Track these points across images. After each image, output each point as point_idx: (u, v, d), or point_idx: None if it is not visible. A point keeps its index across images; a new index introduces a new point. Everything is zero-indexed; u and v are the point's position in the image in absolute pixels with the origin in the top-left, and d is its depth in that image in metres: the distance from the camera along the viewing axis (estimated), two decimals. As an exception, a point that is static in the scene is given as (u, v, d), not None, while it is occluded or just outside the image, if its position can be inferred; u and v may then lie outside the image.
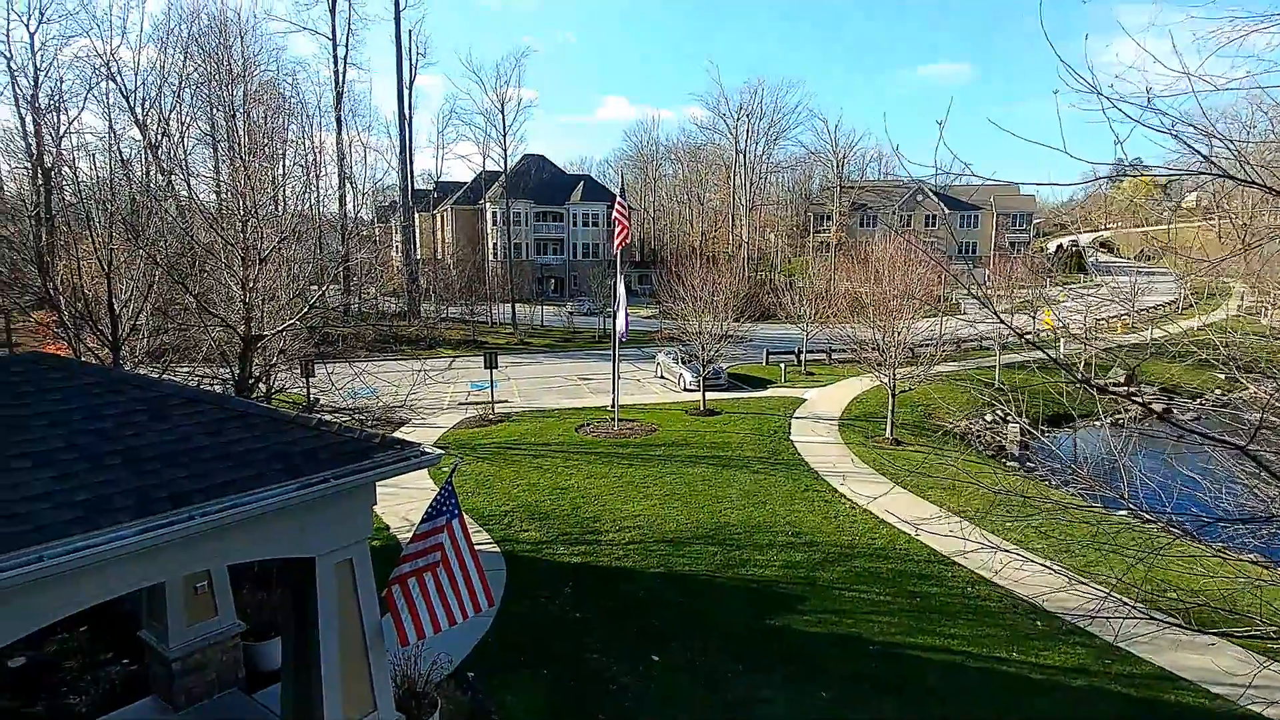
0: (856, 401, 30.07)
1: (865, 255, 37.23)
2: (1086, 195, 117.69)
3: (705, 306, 27.99)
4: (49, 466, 5.57)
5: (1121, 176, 75.88)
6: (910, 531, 15.38)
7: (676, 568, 14.11)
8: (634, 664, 10.74)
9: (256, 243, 15.30)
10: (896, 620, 12.20)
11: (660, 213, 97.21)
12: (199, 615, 9.41)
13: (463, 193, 77.54)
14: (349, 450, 6.84)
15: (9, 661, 9.95)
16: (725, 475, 19.87)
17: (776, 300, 40.27)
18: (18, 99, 48.69)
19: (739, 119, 77.07)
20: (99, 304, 15.70)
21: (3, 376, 6.58)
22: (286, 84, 58.44)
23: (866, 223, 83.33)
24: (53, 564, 4.79)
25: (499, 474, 19.66)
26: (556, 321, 57.49)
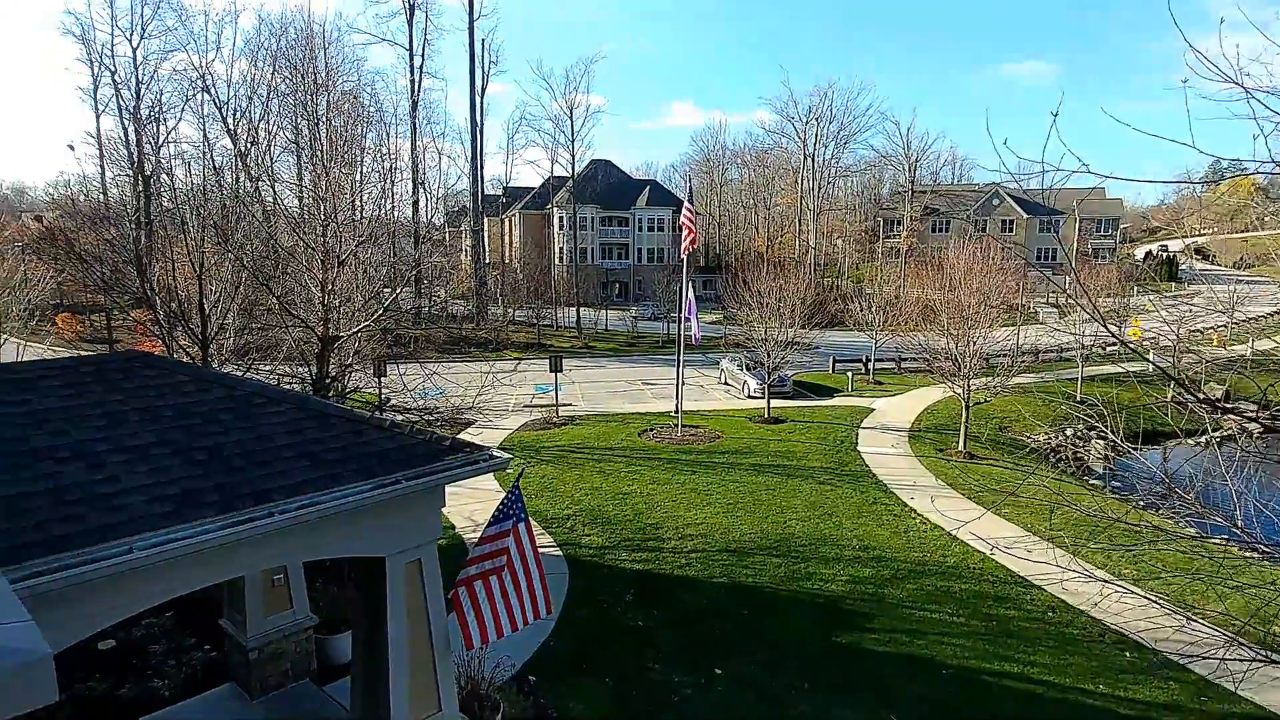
0: (927, 412, 29.13)
1: (938, 261, 36.08)
2: (1177, 197, 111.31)
3: (771, 313, 27.60)
4: (143, 460, 5.81)
5: (1221, 178, 71.44)
6: (985, 550, 14.78)
7: (740, 578, 13.89)
8: (696, 676, 10.58)
9: (335, 246, 15.82)
10: (971, 644, 11.68)
11: (725, 218, 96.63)
12: (275, 607, 9.72)
13: (531, 198, 78.75)
14: (421, 453, 6.93)
15: (100, 644, 10.48)
16: (790, 485, 19.49)
17: (844, 307, 39.43)
18: (121, 111, 51.96)
19: (808, 122, 76.01)
20: (191, 304, 16.51)
21: (105, 373, 6.92)
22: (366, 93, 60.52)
23: (939, 228, 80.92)
24: (142, 555, 4.98)
25: (562, 477, 19.78)
26: (621, 326, 57.75)
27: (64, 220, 42.68)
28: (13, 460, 5.41)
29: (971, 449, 23.69)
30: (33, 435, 5.73)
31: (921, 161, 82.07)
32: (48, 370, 6.85)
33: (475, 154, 59.82)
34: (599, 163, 77.92)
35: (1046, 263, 74.89)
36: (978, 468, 22.15)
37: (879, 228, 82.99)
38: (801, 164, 77.80)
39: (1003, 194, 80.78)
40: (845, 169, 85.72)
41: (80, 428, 5.97)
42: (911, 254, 68.54)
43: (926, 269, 37.65)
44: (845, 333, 43.80)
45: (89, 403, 6.29)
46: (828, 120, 76.67)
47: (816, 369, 37.94)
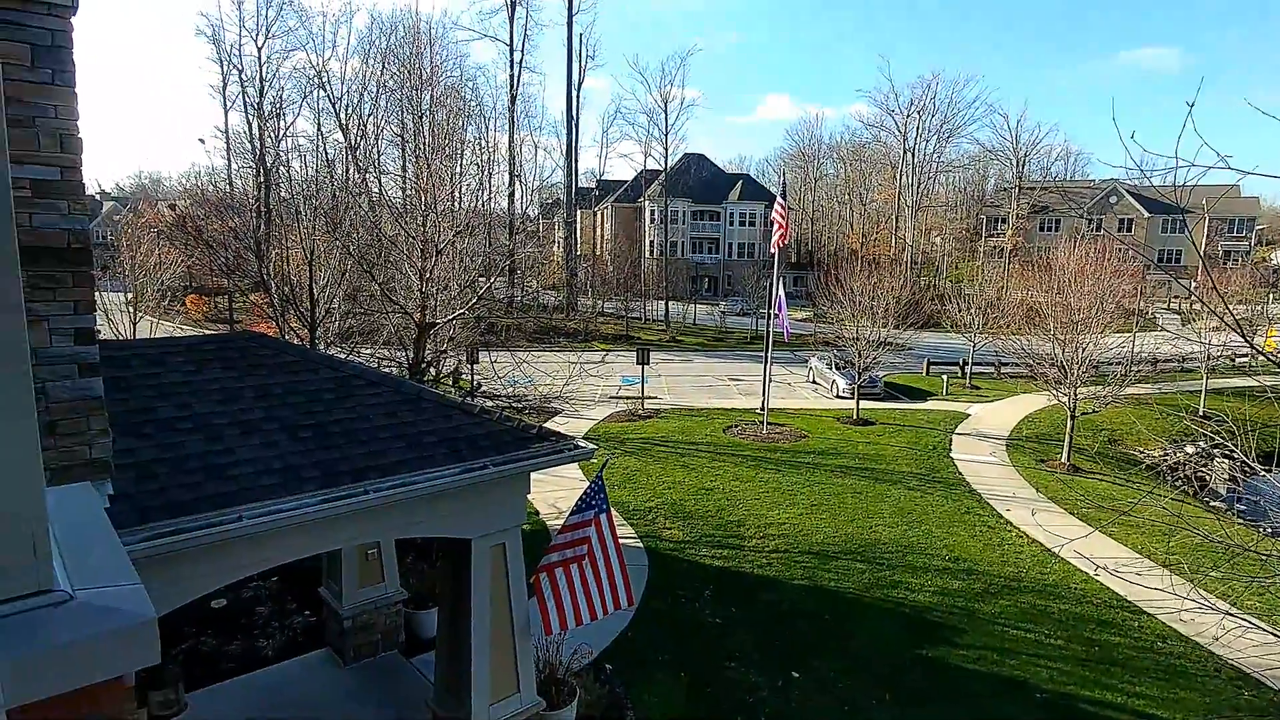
0: (1028, 421, 27.64)
1: (1046, 261, 34.08)
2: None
3: (863, 311, 26.82)
4: (254, 435, 6.20)
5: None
6: (1089, 570, 13.90)
7: (822, 581, 13.59)
8: (773, 677, 10.43)
9: (434, 236, 16.41)
10: (1069, 668, 11.01)
11: (819, 213, 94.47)
12: (368, 580, 10.21)
13: (623, 190, 79.37)
14: (508, 440, 7.10)
15: (213, 603, 11.29)
16: (878, 489, 18.92)
17: (941, 307, 37.88)
18: (246, 107, 55.55)
19: (908, 115, 73.30)
20: (301, 289, 17.51)
21: (224, 351, 7.42)
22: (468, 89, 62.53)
23: (1048, 226, 76.43)
24: (250, 524, 5.31)
25: (645, 469, 19.88)
26: (709, 321, 57.49)
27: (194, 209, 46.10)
28: (143, 429, 5.87)
29: (1076, 462, 22.32)
30: (160, 407, 6.20)
31: (1031, 156, 77.65)
32: (175, 348, 7.40)
33: (570, 147, 60.79)
34: (692, 156, 77.70)
35: (1169, 265, 69.60)
36: (1083, 482, 20.84)
37: (982, 225, 79.13)
38: (900, 158, 75.12)
39: (1121, 190, 75.53)
40: (947, 164, 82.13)
41: (201, 401, 6.42)
42: (1017, 253, 65.08)
43: (1033, 269, 35.62)
44: (941, 334, 42.10)
45: (208, 379, 6.75)
46: (930, 113, 73.70)
47: (909, 371, 36.65)
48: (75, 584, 1.63)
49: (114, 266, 32.15)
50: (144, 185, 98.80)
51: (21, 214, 3.79)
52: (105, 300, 25.18)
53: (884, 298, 27.34)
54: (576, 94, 60.25)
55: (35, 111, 3.76)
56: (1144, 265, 36.74)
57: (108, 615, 1.55)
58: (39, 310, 3.89)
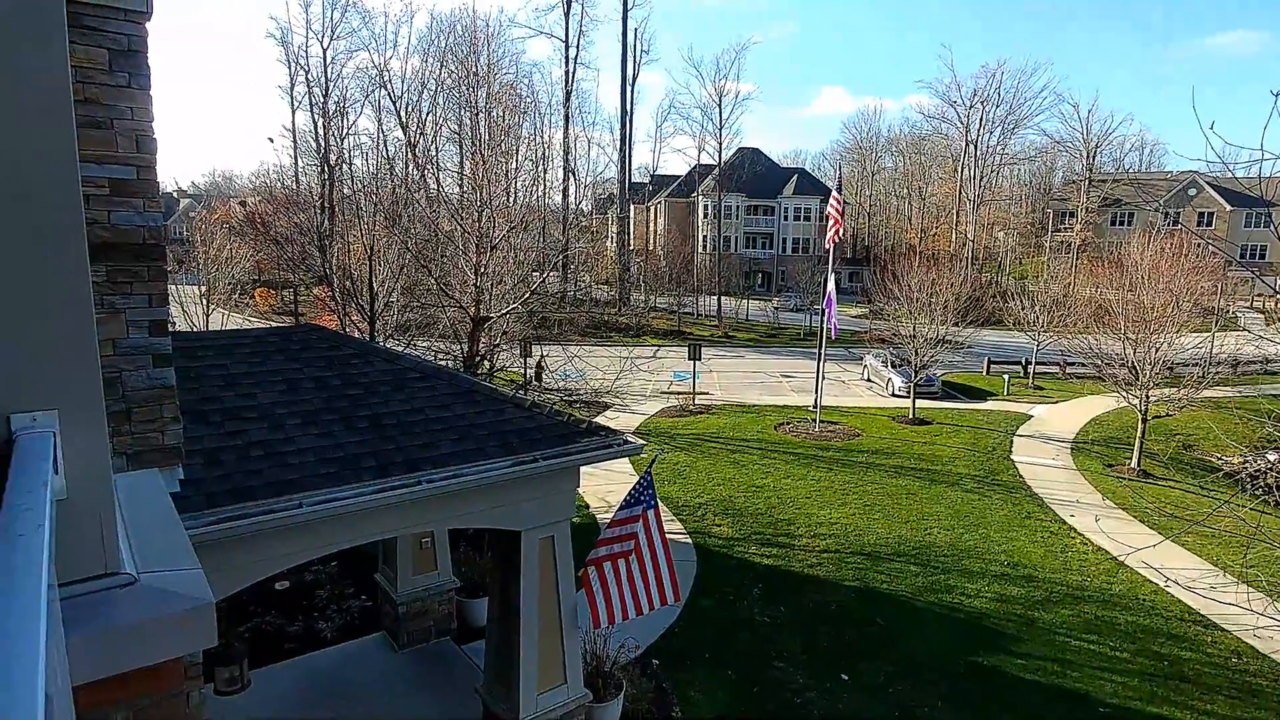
0: (1094, 423, 26.57)
1: (1118, 257, 32.67)
2: None
3: (921, 308, 26.17)
4: (314, 425, 6.40)
5: None
6: (1159, 582, 13.33)
7: (874, 583, 13.35)
8: (821, 680, 10.30)
9: (490, 231, 16.65)
10: (1135, 683, 10.57)
11: (876, 207, 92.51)
12: (422, 568, 10.46)
13: (676, 185, 79.14)
14: (558, 434, 7.17)
15: (276, 584, 11.72)
16: (933, 491, 18.47)
17: (1003, 304, 36.68)
18: (312, 106, 57.32)
19: (971, 106, 71.04)
20: (362, 283, 18.01)
21: (287, 343, 7.68)
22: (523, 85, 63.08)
23: (1120, 220, 73.17)
24: (310, 511, 5.49)
25: (695, 465, 19.84)
26: (761, 316, 56.95)
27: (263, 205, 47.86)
28: (210, 417, 6.12)
29: (1147, 467, 21.37)
30: (226, 396, 6.45)
31: (1103, 147, 74.40)
32: (242, 339, 7.69)
33: (624, 143, 60.88)
34: (746, 150, 76.92)
35: (1254, 261, 65.94)
36: (1153, 489, 19.94)
37: (1048, 219, 76.29)
38: (962, 151, 72.94)
39: (1201, 182, 71.81)
40: (1012, 156, 79.32)
41: (265, 391, 6.66)
42: (1085, 249, 62.61)
43: (1103, 265, 34.24)
44: (1003, 332, 40.76)
45: (272, 369, 7.00)
46: (995, 103, 71.26)
47: (968, 370, 35.62)
48: (140, 567, 1.70)
49: (189, 261, 33.63)
50: (217, 183, 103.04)
51: (100, 212, 3.99)
52: (181, 293, 26.39)
53: (943, 294, 26.64)
54: (631, 89, 60.36)
55: (113, 113, 3.94)
56: (1225, 261, 34.81)
57: (170, 599, 1.61)
58: (116, 303, 4.08)
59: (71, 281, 1.48)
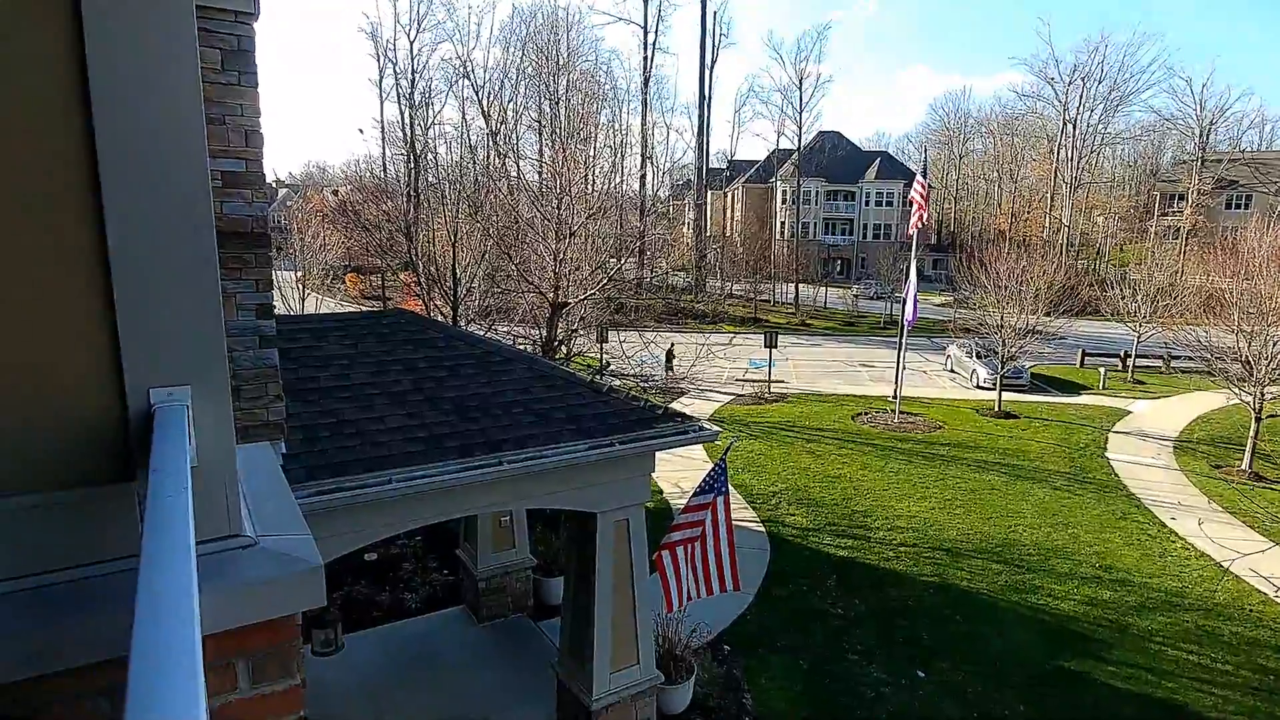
0: (1201, 421, 24.90)
1: (1233, 243, 30.38)
2: None
3: (1010, 296, 25.06)
4: (401, 405, 6.70)
5: None
6: (1269, 591, 12.48)
7: (953, 580, 12.98)
8: (896, 675, 10.13)
9: (568, 218, 16.91)
10: (1237, 697, 9.95)
11: (964, 192, 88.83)
12: (501, 545, 10.81)
13: (754, 171, 78.03)
14: (634, 419, 7.26)
15: (366, 556, 12.33)
16: (1019, 487, 17.76)
17: (1101, 293, 34.71)
18: (400, 97, 59.19)
19: (1071, 83, 67.06)
20: (445, 268, 18.59)
21: (378, 327, 8.05)
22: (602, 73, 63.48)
23: (1236, 203, 67.85)
24: (398, 487, 5.77)
25: (770, 454, 19.69)
26: (840, 304, 55.76)
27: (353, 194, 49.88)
28: (308, 396, 6.49)
29: (1259, 469, 19.90)
30: (321, 376, 6.82)
31: (1217, 124, 69.00)
32: (334, 323, 8.11)
33: (701, 128, 60.48)
34: (827, 134, 75.09)
35: (1392, 248, 60.00)
36: (1268, 493, 18.57)
37: (1154, 203, 71.50)
38: (1060, 131, 69.07)
39: (1333, 161, 65.74)
40: (1115, 135, 74.61)
41: (356, 372, 7.01)
42: (1196, 234, 58.43)
43: (1215, 252, 31.88)
44: (1100, 322, 38.70)
45: (362, 351, 7.35)
46: (1097, 79, 67.01)
47: (1060, 362, 33.93)
48: (258, 531, 1.85)
49: (286, 248, 35.46)
50: (311, 173, 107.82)
51: (215, 203, 4.28)
52: (279, 278, 27.89)
53: (1034, 282, 25.43)
54: (709, 73, 59.77)
55: (225, 110, 4.21)
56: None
57: (286, 560, 1.75)
58: (228, 288, 4.38)
59: (204, 267, 1.62)
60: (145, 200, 1.52)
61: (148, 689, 0.78)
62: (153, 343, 1.59)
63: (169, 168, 1.53)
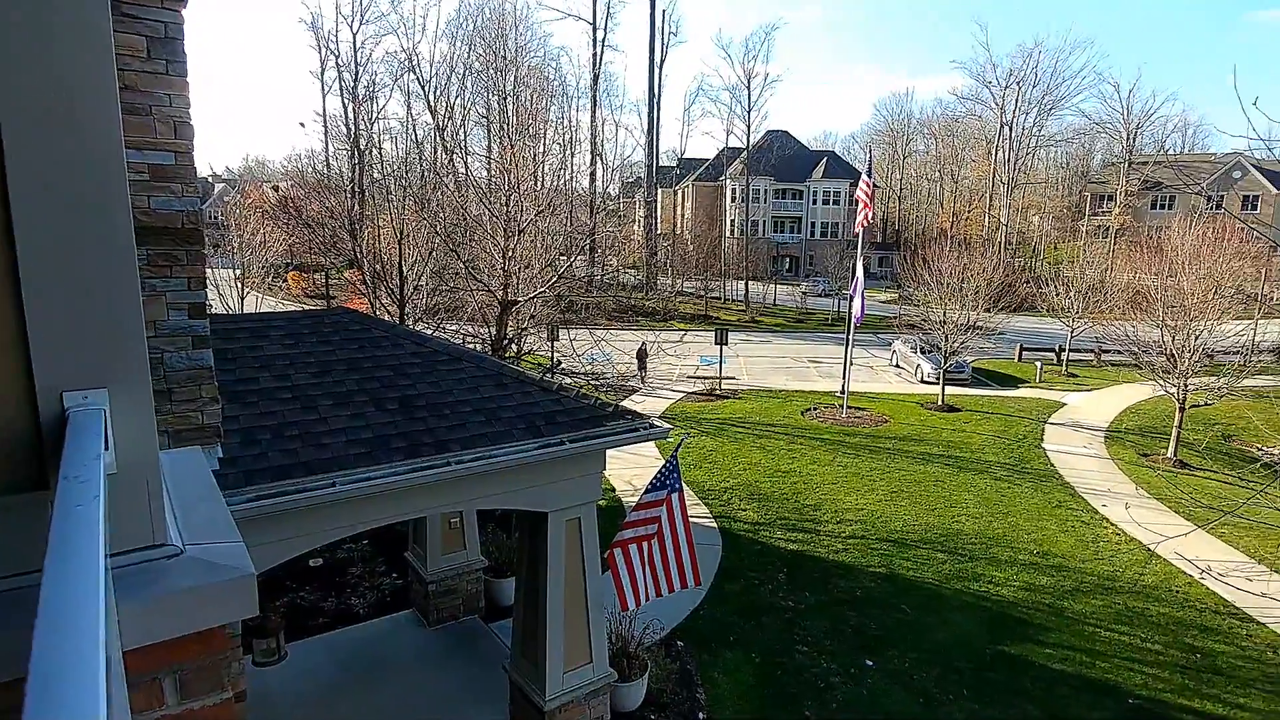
0: (1130, 412, 26.05)
1: (1158, 242, 31.85)
2: None
3: (951, 293, 25.80)
4: (346, 406, 6.53)
5: None
6: (1194, 573, 13.12)
7: (899, 570, 13.30)
8: (845, 664, 10.32)
9: (517, 215, 16.73)
10: (1166, 675, 10.43)
11: (907, 191, 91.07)
12: (451, 547, 10.64)
13: (704, 169, 78.54)
14: (584, 417, 7.23)
15: (310, 561, 12.01)
16: (961, 479, 18.29)
17: (1037, 290, 36.01)
18: (342, 91, 57.75)
19: (1007, 87, 69.32)
20: (391, 266, 18.21)
21: (319, 326, 7.83)
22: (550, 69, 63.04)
23: (1161, 204, 71.15)
24: (343, 490, 5.62)
25: (721, 450, 19.85)
26: (789, 301, 56.55)
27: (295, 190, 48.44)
28: (247, 398, 6.28)
29: (1184, 457, 20.92)
30: (261, 377, 6.61)
31: (1144, 128, 72.26)
32: (276, 322, 7.85)
33: (651, 125, 60.60)
34: (775, 133, 76.09)
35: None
36: (1191, 479, 19.53)
37: (1085, 203, 74.51)
38: (997, 133, 71.34)
39: (1246, 164, 69.50)
40: (1048, 138, 77.43)
41: (299, 373, 6.80)
42: (1124, 233, 61.03)
43: (1142, 250, 33.38)
44: (1036, 318, 40.10)
45: (304, 351, 7.14)
46: (1031, 84, 69.43)
47: (1000, 356, 35.08)
48: (186, 540, 1.77)
49: (224, 244, 34.24)
50: (250, 168, 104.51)
51: (141, 197, 4.09)
52: (216, 276, 26.93)
53: (974, 279, 26.23)
54: (658, 71, 59.90)
55: (151, 100, 4.03)
56: (1270, 247, 33.78)
57: (214, 569, 1.68)
58: (157, 286, 4.19)
59: (121, 263, 1.54)
60: (54, 192, 1.44)
61: (45, 709, 0.73)
62: (65, 344, 1.50)
63: (80, 157, 1.44)
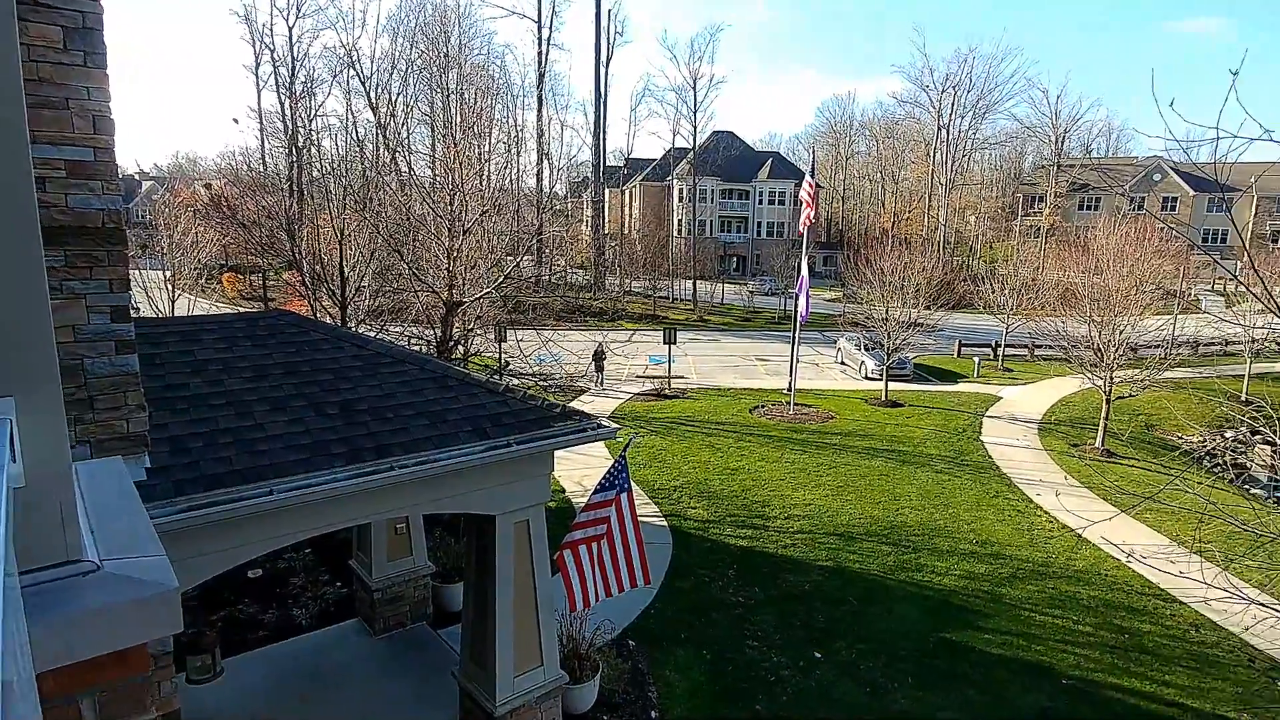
0: (1062, 404, 27.15)
1: (1084, 241, 33.29)
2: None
3: (893, 291, 26.48)
4: (283, 411, 6.33)
5: None
6: (1120, 557, 13.73)
7: (846, 563, 13.57)
8: (795, 657, 10.49)
9: (462, 215, 16.48)
10: (1096, 655, 10.90)
11: (850, 191, 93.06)
12: (397, 553, 10.42)
13: (651, 169, 78.79)
14: (531, 418, 7.16)
15: (249, 573, 11.62)
16: (904, 472, 18.78)
17: (974, 288, 37.25)
18: (279, 86, 56.04)
19: (943, 91, 71.49)
20: (332, 267, 17.74)
21: (254, 329, 7.57)
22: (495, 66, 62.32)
23: (1087, 205, 74.38)
24: (280, 498, 5.45)
25: (671, 449, 19.94)
26: (737, 300, 57.17)
27: (229, 188, 46.80)
28: (177, 405, 6.03)
29: (1111, 447, 21.91)
30: (193, 383, 6.36)
31: (1071, 132, 75.43)
32: (208, 325, 7.57)
33: (598, 125, 60.50)
34: (721, 134, 76.81)
35: (1214, 245, 67.47)
36: (1117, 467, 20.47)
37: (1018, 204, 77.35)
38: (935, 136, 73.49)
39: (1165, 167, 73.14)
40: (983, 141, 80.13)
41: (232, 378, 6.57)
42: (1054, 233, 63.58)
43: (1070, 249, 34.84)
44: (974, 315, 41.46)
45: (239, 356, 6.90)
46: (966, 89, 71.75)
47: (940, 352, 36.15)
48: (102, 555, 1.69)
49: (153, 245, 32.84)
50: (181, 165, 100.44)
51: (58, 194, 3.89)
52: (144, 278, 25.80)
53: (915, 278, 26.96)
54: (604, 71, 59.86)
55: (68, 93, 3.84)
56: (1187, 245, 35.61)
57: (133, 585, 1.60)
58: (76, 288, 4.00)
59: (26, 267, 1.45)
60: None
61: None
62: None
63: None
